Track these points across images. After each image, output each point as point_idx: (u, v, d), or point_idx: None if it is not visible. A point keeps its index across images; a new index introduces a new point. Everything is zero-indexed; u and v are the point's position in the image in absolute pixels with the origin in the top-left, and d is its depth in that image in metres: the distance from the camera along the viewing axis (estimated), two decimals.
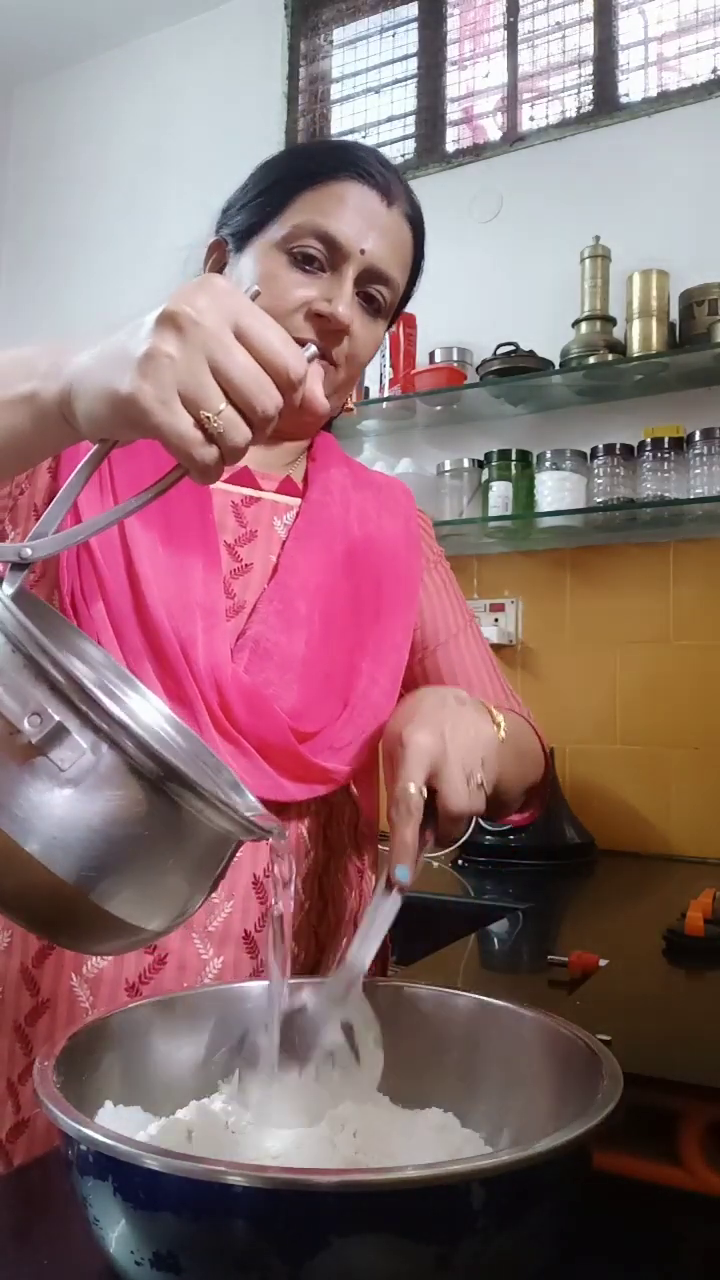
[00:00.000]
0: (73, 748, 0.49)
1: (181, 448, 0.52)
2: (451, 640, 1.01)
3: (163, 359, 0.52)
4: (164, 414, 0.52)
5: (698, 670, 2.16)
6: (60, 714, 0.49)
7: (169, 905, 0.54)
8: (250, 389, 0.53)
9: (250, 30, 2.94)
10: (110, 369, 0.54)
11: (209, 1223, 0.42)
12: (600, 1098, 0.48)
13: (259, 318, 0.54)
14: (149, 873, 0.52)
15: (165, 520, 0.85)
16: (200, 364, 0.52)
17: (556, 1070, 0.58)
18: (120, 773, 0.50)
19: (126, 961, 0.79)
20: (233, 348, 0.53)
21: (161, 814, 0.51)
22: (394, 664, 0.94)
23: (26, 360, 0.61)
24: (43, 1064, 0.51)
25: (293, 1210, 0.41)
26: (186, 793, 0.51)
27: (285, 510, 0.94)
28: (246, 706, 0.81)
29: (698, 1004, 1.14)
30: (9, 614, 0.50)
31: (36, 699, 0.49)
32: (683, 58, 2.36)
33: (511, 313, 2.38)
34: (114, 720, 0.49)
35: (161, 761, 0.50)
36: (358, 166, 0.87)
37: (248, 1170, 0.41)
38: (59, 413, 0.58)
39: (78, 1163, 0.45)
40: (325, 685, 0.87)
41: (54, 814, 0.49)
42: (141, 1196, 0.43)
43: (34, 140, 3.33)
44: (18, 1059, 0.80)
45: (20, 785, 0.49)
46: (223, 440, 0.53)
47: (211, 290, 0.54)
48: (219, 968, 0.81)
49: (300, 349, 0.56)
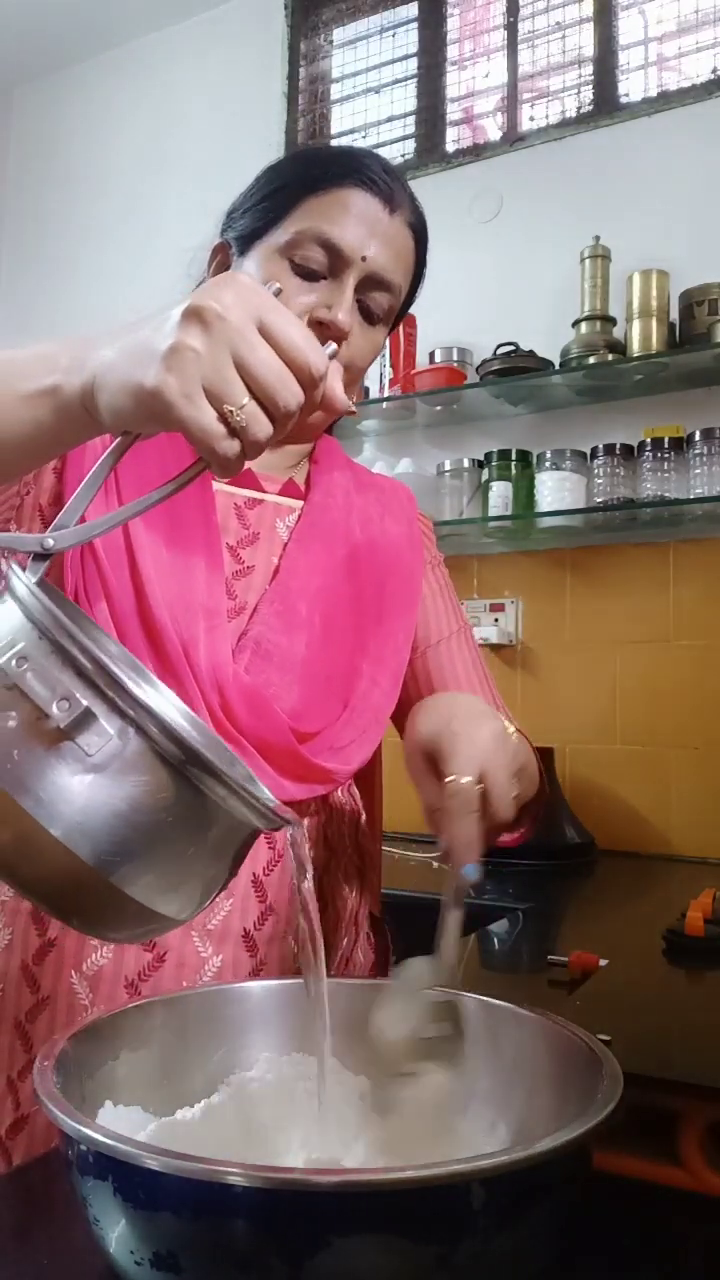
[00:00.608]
0: (99, 733, 0.49)
1: (204, 441, 0.53)
2: (443, 642, 1.01)
3: (188, 353, 0.52)
4: (188, 407, 0.52)
5: (698, 670, 2.16)
6: (88, 699, 0.49)
7: (189, 893, 0.55)
8: (273, 384, 0.53)
9: (250, 30, 2.94)
10: (135, 363, 0.54)
11: (209, 1223, 0.42)
12: (600, 1098, 0.48)
13: (282, 315, 0.55)
14: (171, 859, 0.52)
15: (169, 521, 0.85)
16: (225, 359, 0.53)
17: (557, 1070, 0.58)
18: (146, 758, 0.50)
19: (126, 959, 0.80)
20: (257, 343, 0.53)
21: (185, 800, 0.51)
22: (394, 666, 0.94)
23: (47, 355, 0.61)
24: (42, 1064, 0.51)
25: (293, 1210, 0.41)
26: (211, 779, 0.51)
27: (288, 513, 0.94)
28: (247, 707, 0.82)
29: (698, 1004, 1.14)
30: (37, 601, 0.51)
31: (64, 684, 0.49)
32: (683, 58, 2.36)
33: (511, 313, 2.38)
34: (141, 706, 0.49)
35: (187, 748, 0.50)
36: (362, 174, 0.87)
37: (248, 1170, 0.41)
38: (81, 406, 0.59)
39: (77, 1163, 0.45)
40: (326, 686, 0.88)
41: (80, 799, 0.49)
42: (141, 1196, 0.43)
43: (34, 140, 3.33)
44: (18, 1056, 0.80)
45: (47, 770, 0.49)
46: (245, 434, 0.53)
47: (236, 286, 0.55)
48: (218, 966, 0.81)
49: (322, 346, 0.56)
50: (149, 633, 0.81)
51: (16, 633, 0.51)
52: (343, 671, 0.89)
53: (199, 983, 0.80)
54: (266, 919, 0.84)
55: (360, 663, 0.91)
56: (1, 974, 0.81)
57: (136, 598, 0.81)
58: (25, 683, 0.49)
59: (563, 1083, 0.56)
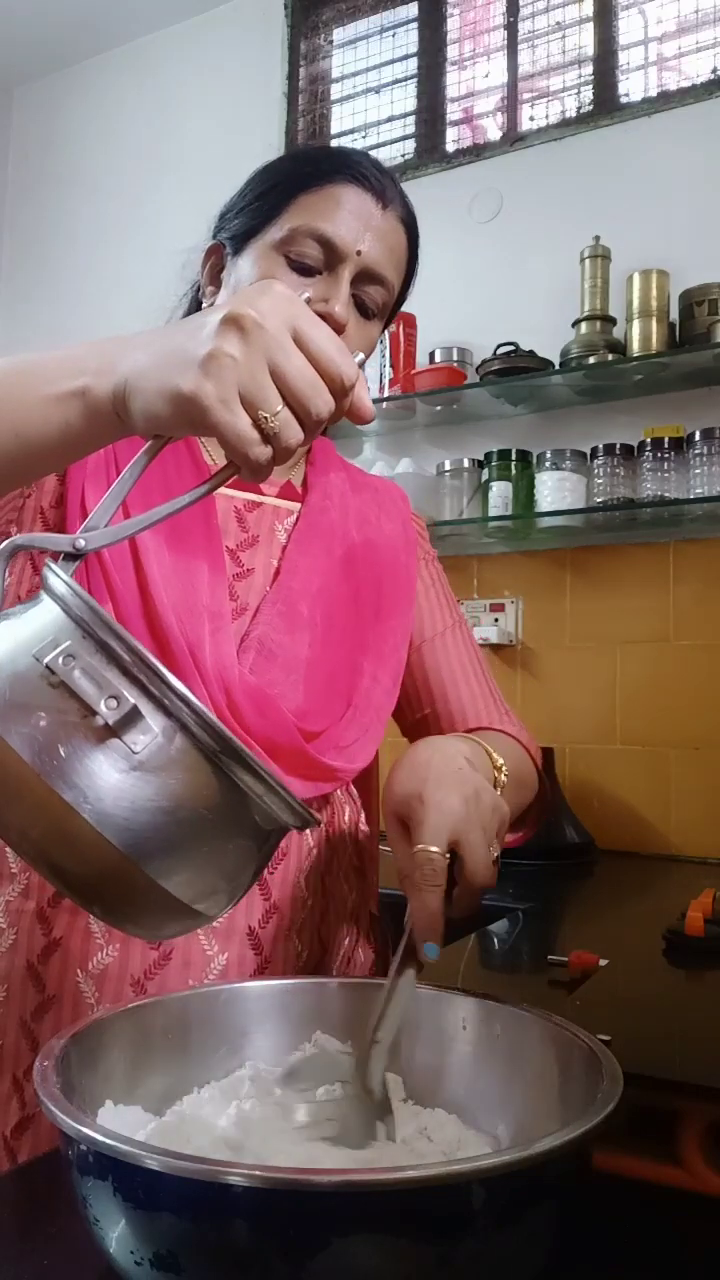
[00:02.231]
0: (145, 730, 0.50)
1: (239, 447, 0.54)
2: (437, 637, 1.02)
3: (226, 360, 0.54)
4: (224, 413, 0.54)
5: (698, 670, 2.16)
6: (135, 697, 0.50)
7: (224, 890, 0.55)
8: (306, 392, 0.55)
9: (250, 30, 2.94)
10: (171, 368, 0.55)
11: (209, 1223, 0.42)
12: (600, 1098, 0.48)
13: (317, 324, 0.56)
14: (210, 856, 0.53)
15: (171, 525, 0.85)
16: (261, 366, 0.54)
17: (557, 1070, 0.58)
18: (189, 755, 0.51)
19: (132, 957, 0.80)
20: (292, 351, 0.55)
21: (225, 797, 0.52)
22: (394, 664, 0.95)
23: (76, 357, 0.62)
24: (43, 1064, 0.51)
25: (293, 1210, 0.41)
26: (250, 776, 0.52)
27: (286, 515, 0.95)
28: (254, 707, 0.82)
29: (698, 1004, 1.14)
30: (79, 599, 0.51)
31: (112, 683, 0.50)
32: (683, 58, 2.36)
33: (511, 313, 2.38)
34: (188, 704, 0.50)
35: (231, 746, 0.51)
36: (353, 170, 0.88)
37: (247, 1170, 0.41)
38: (111, 409, 0.59)
39: (78, 1163, 0.45)
40: (329, 685, 0.88)
41: (126, 796, 0.50)
42: (141, 1196, 0.43)
43: (35, 140, 3.33)
44: (23, 1055, 0.80)
45: (94, 767, 0.49)
46: (277, 440, 0.55)
47: (273, 295, 0.56)
48: (223, 964, 0.82)
49: (352, 356, 0.58)
50: (155, 635, 0.81)
51: (60, 631, 0.52)
52: (345, 670, 0.90)
53: (204, 980, 0.81)
54: (271, 917, 0.84)
55: (361, 661, 0.91)
56: (6, 973, 0.82)
57: (142, 601, 0.82)
58: (73, 680, 0.50)
59: (563, 1082, 0.56)
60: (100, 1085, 0.57)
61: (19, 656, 0.51)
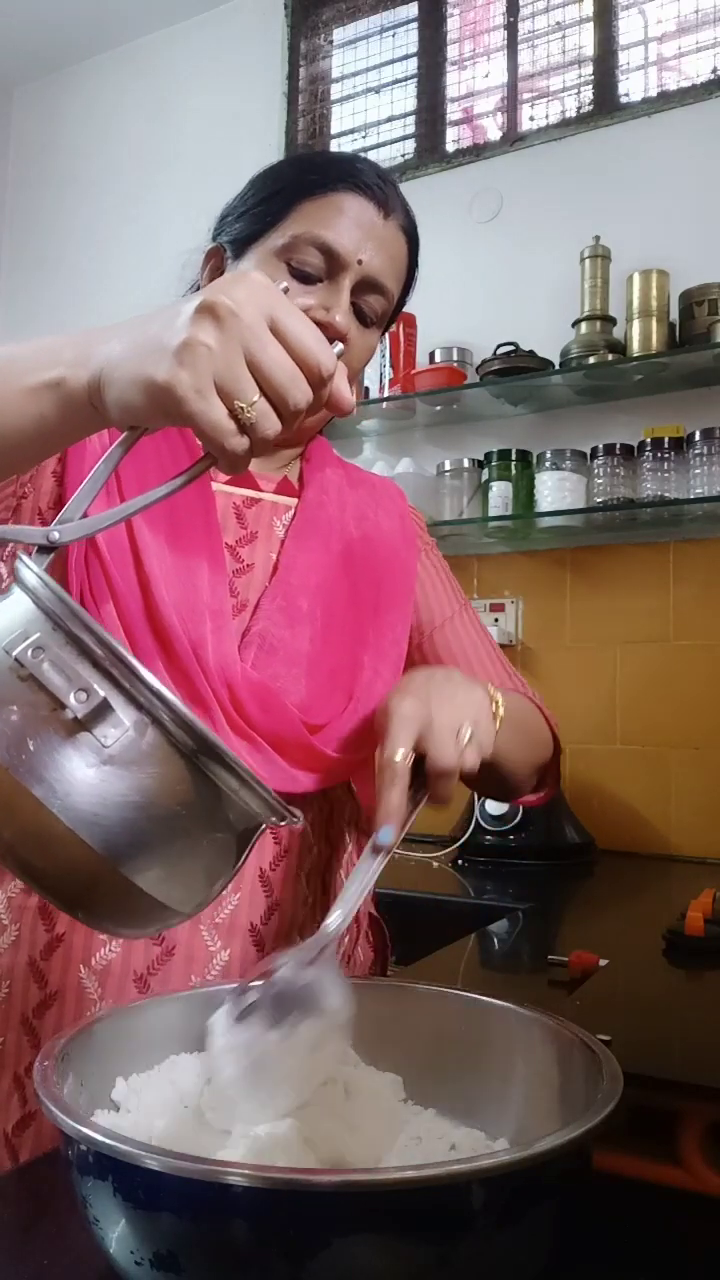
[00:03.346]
0: (116, 724, 0.49)
1: (215, 437, 0.53)
2: (447, 623, 1.02)
3: (200, 349, 0.53)
4: (199, 403, 0.53)
5: (698, 670, 2.16)
6: (105, 690, 0.49)
7: (197, 886, 0.55)
8: (283, 382, 0.54)
9: (250, 30, 2.94)
10: (145, 357, 0.55)
11: (209, 1223, 0.42)
12: (600, 1097, 0.48)
13: (293, 313, 0.55)
14: (182, 852, 0.52)
15: (171, 522, 0.86)
16: (237, 355, 0.53)
17: (556, 1070, 0.57)
18: (161, 750, 0.50)
19: (135, 953, 0.80)
20: (268, 341, 0.54)
21: (198, 793, 0.51)
22: (394, 657, 0.95)
23: (51, 348, 0.61)
24: (43, 1064, 0.51)
25: (293, 1210, 0.41)
26: (224, 771, 0.51)
27: (284, 510, 0.95)
28: (258, 702, 0.83)
29: (698, 1004, 1.14)
30: (50, 591, 0.51)
31: (82, 675, 0.49)
32: (683, 58, 2.36)
33: (511, 313, 2.38)
34: (160, 697, 0.49)
35: (204, 740, 0.50)
36: (356, 178, 0.88)
37: (248, 1170, 0.41)
38: (87, 400, 0.59)
39: (77, 1163, 0.45)
40: (331, 679, 0.89)
41: (95, 791, 0.49)
42: (141, 1196, 0.43)
43: (34, 140, 3.33)
44: (25, 1052, 0.80)
45: (63, 761, 0.49)
46: (254, 431, 0.54)
47: (249, 284, 0.55)
48: (226, 959, 0.82)
49: (330, 345, 0.57)
50: (157, 633, 0.81)
51: (30, 623, 0.51)
52: (345, 664, 0.90)
53: (207, 977, 0.81)
54: (273, 914, 0.85)
55: (361, 655, 0.92)
56: (8, 970, 0.82)
57: (144, 599, 0.82)
58: (42, 673, 0.49)
59: (563, 1082, 0.56)
60: (102, 1084, 0.56)
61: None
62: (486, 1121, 0.60)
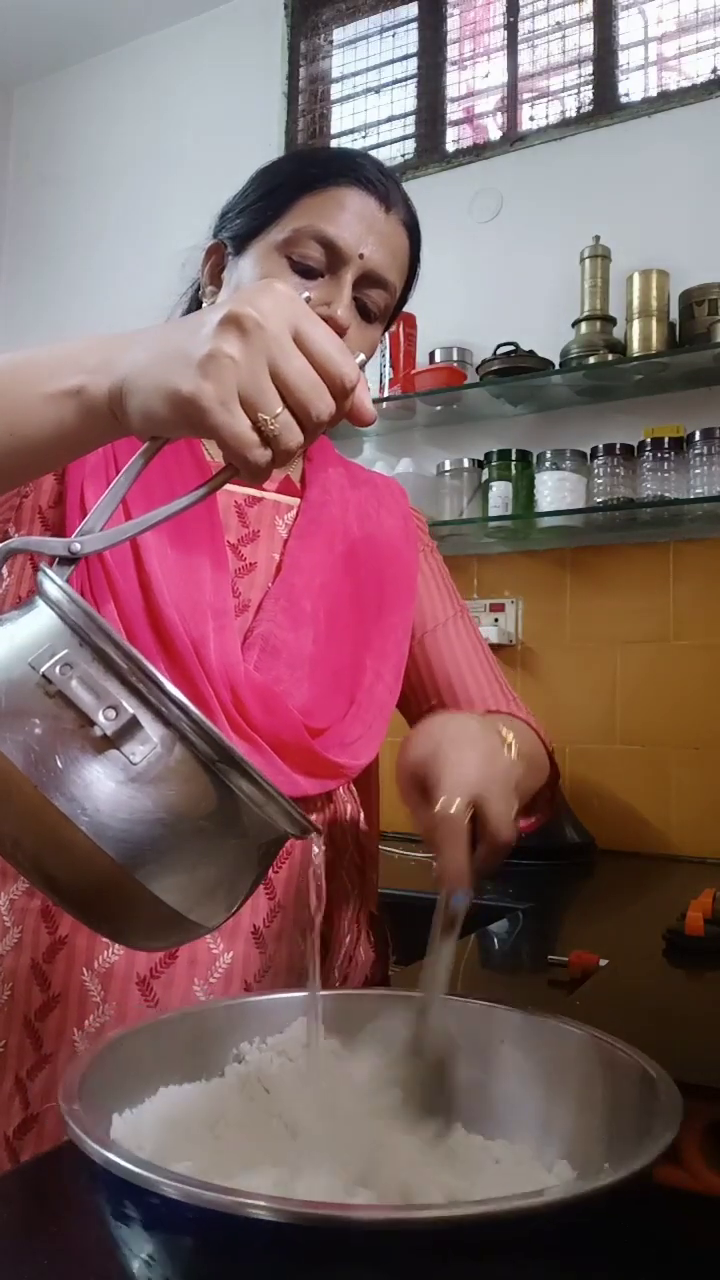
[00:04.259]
0: (144, 741, 0.49)
1: (238, 449, 0.53)
2: (439, 627, 1.01)
3: (225, 360, 0.53)
4: (223, 415, 0.53)
5: (698, 670, 2.16)
6: (133, 707, 0.49)
7: (221, 900, 0.54)
8: (307, 394, 0.54)
9: (250, 30, 2.94)
10: (170, 368, 0.54)
11: (238, 1255, 0.40)
12: (660, 1124, 0.46)
13: (318, 325, 0.55)
14: (208, 867, 0.52)
15: (173, 521, 0.85)
16: (262, 367, 0.53)
17: (607, 1091, 0.56)
18: (188, 765, 0.50)
19: (138, 956, 0.80)
20: (292, 353, 0.54)
21: (223, 807, 0.51)
22: (396, 660, 0.95)
23: (72, 354, 0.61)
24: (70, 1108, 0.47)
25: (323, 1245, 0.40)
26: (250, 787, 0.51)
27: (286, 510, 0.95)
28: (260, 705, 0.82)
29: (698, 1004, 1.13)
30: (75, 605, 0.50)
31: (110, 693, 0.49)
32: (683, 58, 2.36)
33: (511, 313, 2.38)
34: (188, 714, 0.49)
35: (229, 755, 0.50)
36: (357, 173, 0.88)
37: (280, 1204, 0.40)
38: (108, 408, 0.58)
39: (146, 1217, 0.42)
40: (333, 682, 0.88)
41: (124, 807, 0.49)
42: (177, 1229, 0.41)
43: (35, 140, 3.33)
44: (27, 1054, 0.80)
45: (92, 778, 0.49)
46: (277, 443, 0.54)
47: (273, 295, 0.55)
48: (229, 962, 0.82)
49: (353, 357, 0.57)
50: (158, 633, 0.81)
51: (55, 638, 0.50)
52: (348, 666, 0.90)
53: (210, 980, 0.80)
54: (275, 916, 0.84)
55: (364, 657, 0.91)
56: (10, 973, 0.81)
57: (145, 599, 0.81)
58: (71, 690, 0.49)
59: (615, 1105, 0.54)
60: (117, 1095, 0.55)
61: (14, 664, 0.50)
62: (532, 1143, 0.58)
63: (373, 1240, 0.39)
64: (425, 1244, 0.40)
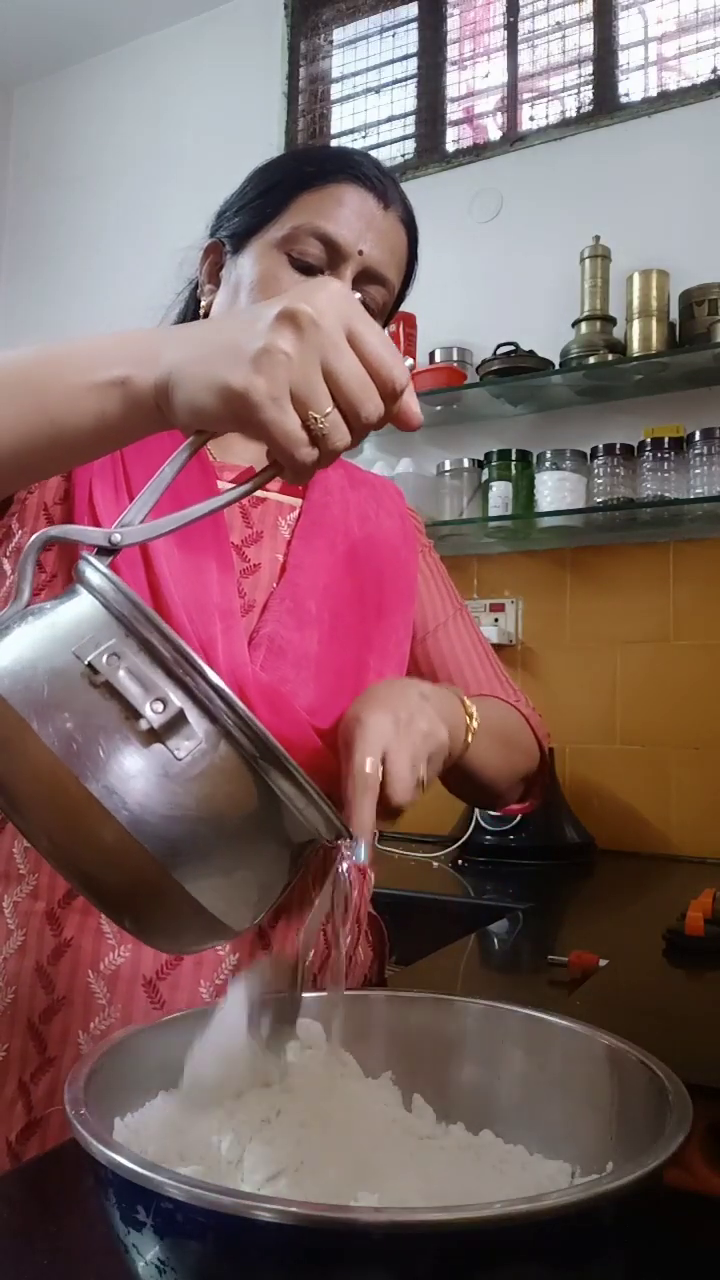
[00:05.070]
0: (189, 736, 0.48)
1: (286, 447, 0.53)
2: (440, 628, 1.02)
3: (279, 356, 0.52)
4: (274, 411, 0.52)
5: (698, 670, 2.16)
6: (180, 700, 0.48)
7: (255, 903, 0.53)
8: (358, 394, 0.54)
9: (250, 30, 2.94)
10: (221, 361, 0.54)
11: (245, 1257, 0.40)
12: (670, 1128, 0.46)
13: (371, 325, 0.55)
14: (245, 868, 0.51)
15: None
16: (315, 365, 0.53)
17: (608, 1088, 0.55)
18: (232, 762, 0.49)
19: (144, 958, 0.79)
20: (345, 352, 0.53)
21: (264, 807, 0.50)
22: (398, 660, 0.95)
23: (115, 345, 0.60)
24: (74, 1111, 0.46)
25: (329, 1247, 0.39)
26: (292, 788, 0.50)
27: (288, 510, 0.95)
28: (268, 705, 0.82)
29: (698, 1004, 1.13)
30: (121, 594, 0.49)
31: (158, 684, 0.48)
32: (683, 58, 2.36)
33: (511, 313, 2.38)
34: (234, 708, 0.48)
35: (274, 754, 0.49)
36: (355, 170, 0.88)
37: (286, 1206, 0.39)
38: (153, 400, 0.58)
39: (160, 1224, 0.41)
40: (337, 682, 0.88)
41: (166, 803, 0.47)
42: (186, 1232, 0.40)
43: (35, 140, 3.33)
44: (30, 1058, 0.79)
45: (135, 773, 0.47)
46: (325, 442, 0.53)
47: (328, 292, 0.54)
48: (234, 963, 0.81)
49: (404, 361, 0.56)
50: None
51: (99, 628, 0.49)
52: (352, 666, 0.90)
53: (216, 981, 0.80)
54: (280, 915, 0.84)
55: (367, 657, 0.91)
56: (14, 976, 0.80)
57: (154, 600, 0.81)
58: (119, 681, 0.47)
59: (623, 1107, 0.54)
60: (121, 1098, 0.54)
61: (57, 654, 0.48)
62: (540, 1144, 0.58)
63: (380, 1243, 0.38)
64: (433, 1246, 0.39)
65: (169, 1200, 0.40)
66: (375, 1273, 0.39)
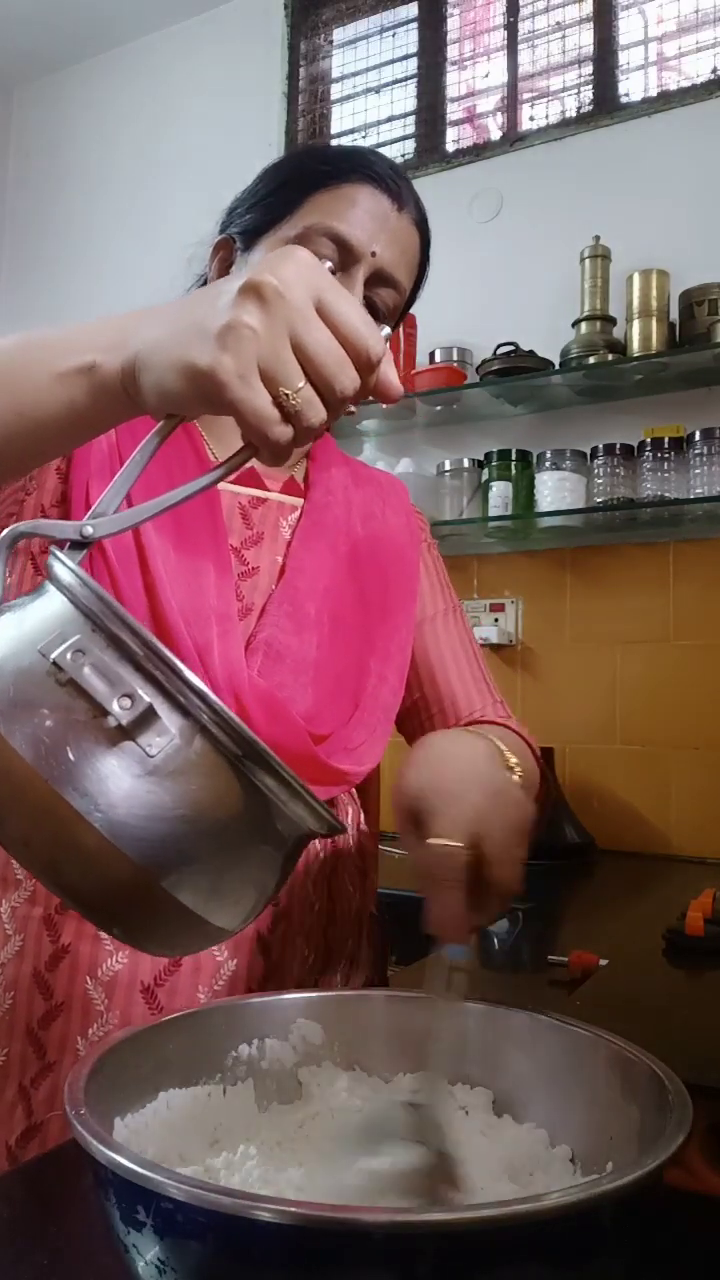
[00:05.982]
0: (161, 732, 0.46)
1: (257, 426, 0.50)
2: (427, 621, 1.00)
3: (245, 331, 0.50)
4: (242, 389, 0.49)
5: (698, 670, 2.16)
6: (150, 696, 0.46)
7: (246, 903, 0.51)
8: (330, 368, 0.51)
9: (250, 30, 2.94)
10: (186, 341, 0.51)
11: (247, 1257, 0.39)
12: (672, 1125, 0.45)
13: (342, 295, 0.52)
14: (231, 867, 0.49)
15: (176, 524, 0.84)
16: (283, 339, 0.50)
17: (609, 1089, 0.55)
18: (209, 759, 0.47)
19: (142, 964, 0.78)
20: (315, 324, 0.51)
21: (246, 803, 0.48)
22: (400, 662, 0.94)
23: (84, 333, 0.59)
24: (84, 1132, 0.45)
25: (330, 1248, 0.39)
26: (274, 781, 0.48)
27: (290, 511, 0.94)
28: (264, 711, 0.81)
29: (698, 1004, 1.13)
30: (87, 589, 0.47)
31: (125, 680, 0.46)
32: (683, 58, 2.36)
33: (511, 313, 2.38)
34: (208, 703, 0.46)
35: (253, 748, 0.47)
36: (370, 170, 0.87)
37: (286, 1206, 0.39)
38: (121, 386, 0.56)
39: (160, 1225, 0.41)
40: (337, 687, 0.87)
41: (140, 803, 0.45)
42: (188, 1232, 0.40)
43: (35, 140, 3.33)
44: (30, 1063, 0.79)
45: (106, 772, 0.45)
46: (299, 420, 0.51)
47: (296, 262, 0.52)
48: (233, 969, 0.81)
49: (379, 330, 0.53)
50: (162, 638, 0.79)
51: (66, 624, 0.47)
52: (352, 670, 0.89)
53: (215, 987, 0.80)
54: (280, 922, 0.84)
55: (368, 660, 0.90)
56: (13, 981, 0.80)
57: (149, 602, 0.80)
58: (83, 678, 0.46)
59: (623, 1106, 0.54)
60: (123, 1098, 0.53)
61: (23, 652, 0.47)
62: (542, 1146, 0.57)
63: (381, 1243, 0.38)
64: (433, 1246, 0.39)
65: (169, 1200, 0.39)
66: (376, 1273, 0.39)
